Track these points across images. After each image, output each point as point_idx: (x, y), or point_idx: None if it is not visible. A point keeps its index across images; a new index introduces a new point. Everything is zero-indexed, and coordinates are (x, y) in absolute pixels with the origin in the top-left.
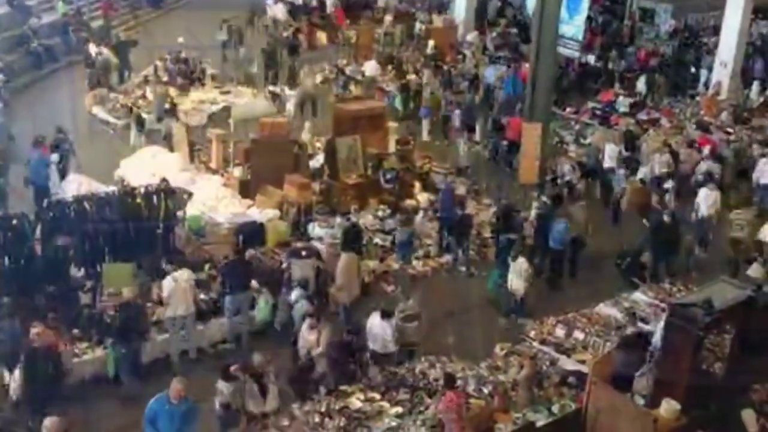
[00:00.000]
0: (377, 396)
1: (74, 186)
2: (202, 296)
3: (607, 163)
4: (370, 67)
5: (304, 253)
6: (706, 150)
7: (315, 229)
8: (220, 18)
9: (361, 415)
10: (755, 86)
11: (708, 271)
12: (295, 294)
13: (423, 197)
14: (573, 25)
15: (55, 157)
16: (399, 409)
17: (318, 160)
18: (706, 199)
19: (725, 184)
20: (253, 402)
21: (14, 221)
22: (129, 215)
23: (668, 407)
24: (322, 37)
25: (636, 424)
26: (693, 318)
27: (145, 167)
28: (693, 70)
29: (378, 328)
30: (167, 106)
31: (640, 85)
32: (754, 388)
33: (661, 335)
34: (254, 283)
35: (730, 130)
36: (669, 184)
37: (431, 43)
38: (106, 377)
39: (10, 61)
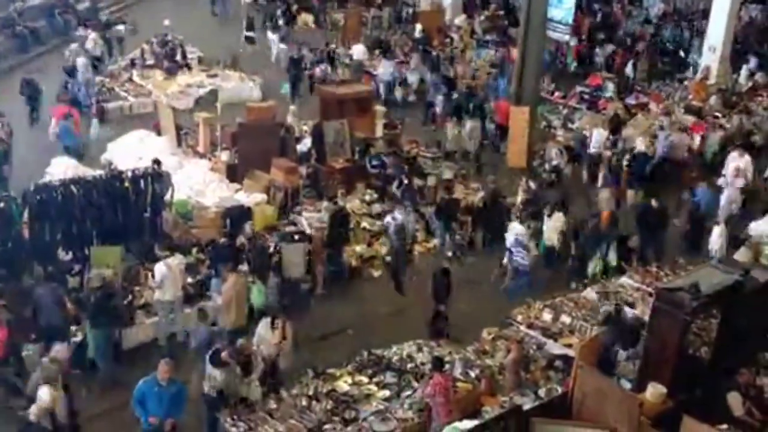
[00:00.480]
0: (365, 379)
1: (61, 170)
2: (189, 279)
3: (594, 148)
4: (358, 51)
5: (296, 237)
6: (698, 137)
7: (302, 215)
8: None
9: (349, 398)
10: (744, 71)
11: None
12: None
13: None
14: (562, 9)
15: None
16: (386, 393)
17: (305, 144)
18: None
19: None
20: (238, 387)
21: (1, 204)
22: (116, 199)
23: (654, 391)
24: (308, 19)
25: (622, 408)
26: (680, 302)
27: (132, 151)
28: (682, 53)
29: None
30: None
31: (628, 69)
32: (740, 372)
33: (648, 320)
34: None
35: (718, 114)
36: None
37: (419, 26)
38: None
39: None
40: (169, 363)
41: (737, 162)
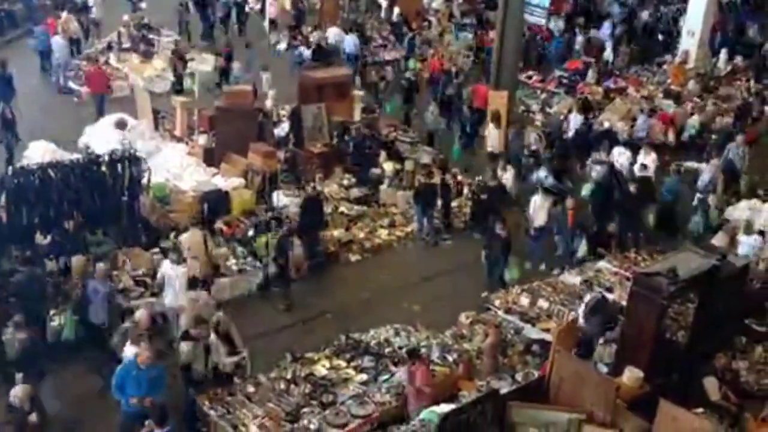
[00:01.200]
0: (342, 363)
1: (39, 153)
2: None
3: (571, 132)
4: (333, 34)
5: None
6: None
7: (280, 198)
8: None
9: (327, 382)
10: (723, 54)
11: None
12: None
13: (388, 166)
14: None
15: None
16: (364, 376)
17: (283, 129)
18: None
19: None
20: (227, 363)
21: None
22: (93, 183)
23: (631, 375)
24: (285, 2)
25: (599, 392)
26: (657, 287)
27: (110, 135)
28: (661, 37)
29: None
30: None
31: (607, 53)
32: (717, 357)
33: (626, 304)
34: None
35: (697, 99)
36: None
37: (396, 10)
38: (69, 342)
39: None
40: (148, 348)
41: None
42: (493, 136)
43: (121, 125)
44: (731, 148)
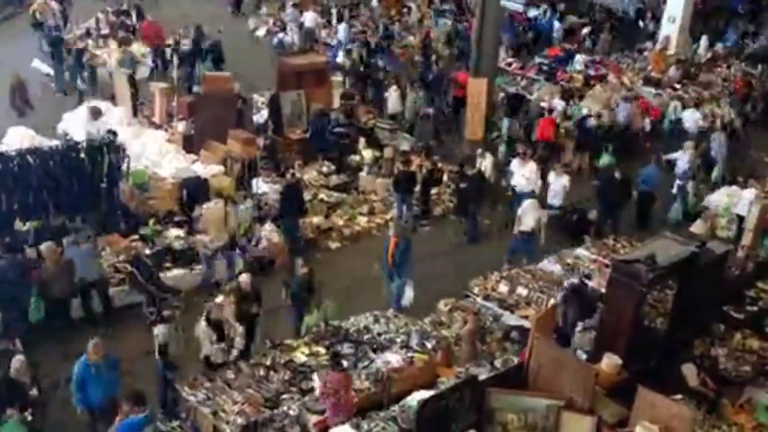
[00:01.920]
0: (322, 350)
1: (17, 140)
2: (146, 251)
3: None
4: (309, 18)
5: None
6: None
7: (259, 185)
8: None
9: (306, 369)
10: (703, 41)
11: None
12: None
13: (367, 153)
14: None
15: None
16: (343, 363)
17: (262, 116)
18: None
19: None
20: (214, 351)
21: None
22: (72, 170)
23: (609, 362)
24: None
25: (577, 378)
26: (636, 274)
27: (86, 122)
28: (641, 24)
29: None
30: None
31: (587, 41)
32: (695, 343)
33: (605, 291)
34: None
35: (677, 86)
36: None
37: None
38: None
39: None
40: (97, 342)
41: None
42: (472, 123)
43: (95, 114)
44: (715, 137)
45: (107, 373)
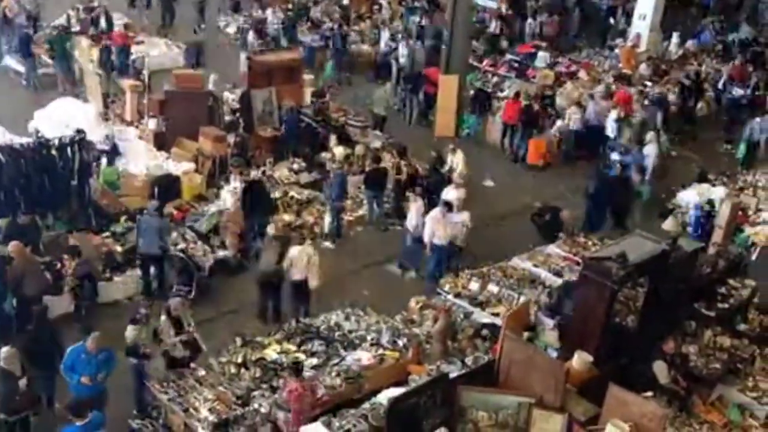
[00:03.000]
0: (293, 347)
1: None
2: (118, 248)
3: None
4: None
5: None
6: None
7: (232, 182)
8: None
9: (277, 366)
10: (674, 38)
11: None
12: None
13: (338, 150)
14: None
15: None
16: (314, 361)
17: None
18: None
19: None
20: (171, 345)
21: None
22: (44, 167)
23: (580, 359)
24: None
25: (548, 376)
26: (607, 272)
27: (59, 119)
28: (612, 20)
29: None
30: None
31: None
32: (666, 341)
33: (576, 288)
34: None
35: (648, 83)
36: None
37: None
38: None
39: None
40: (96, 338)
41: None
42: (443, 120)
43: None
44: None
45: (99, 360)
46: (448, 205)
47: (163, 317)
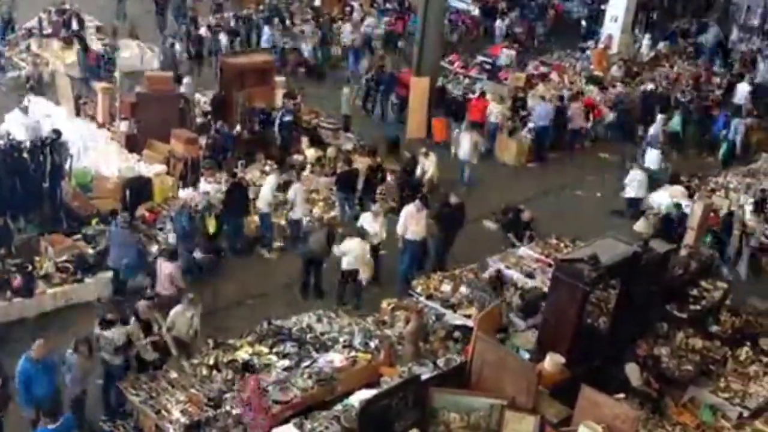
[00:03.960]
0: (265, 350)
1: None
2: (89, 250)
3: (494, 119)
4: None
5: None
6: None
7: (203, 185)
8: None
9: (249, 369)
10: (646, 40)
11: None
12: None
13: (310, 152)
14: None
15: None
16: (286, 362)
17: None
18: None
19: None
20: (141, 347)
21: None
22: (15, 169)
23: (552, 361)
24: None
25: (520, 378)
26: (579, 273)
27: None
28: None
29: None
30: None
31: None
32: (638, 343)
33: (548, 290)
34: None
35: (619, 84)
36: None
37: None
38: None
39: None
40: (42, 344)
41: None
42: (414, 122)
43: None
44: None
45: (48, 372)
46: (424, 201)
47: (131, 321)
